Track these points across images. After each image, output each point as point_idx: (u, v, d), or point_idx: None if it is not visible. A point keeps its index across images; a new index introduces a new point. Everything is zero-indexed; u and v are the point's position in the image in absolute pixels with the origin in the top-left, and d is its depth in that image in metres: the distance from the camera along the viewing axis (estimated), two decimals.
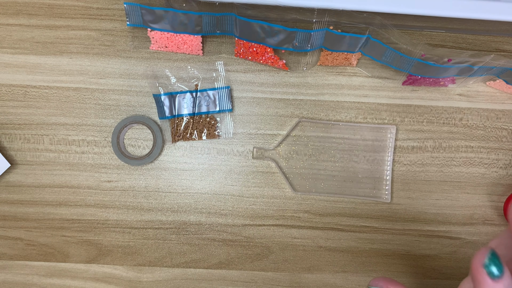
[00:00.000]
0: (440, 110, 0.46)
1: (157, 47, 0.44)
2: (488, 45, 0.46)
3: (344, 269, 0.46)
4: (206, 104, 0.44)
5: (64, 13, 0.44)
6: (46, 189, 0.44)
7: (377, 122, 0.45)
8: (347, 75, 0.45)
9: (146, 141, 0.45)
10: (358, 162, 0.45)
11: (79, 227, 0.45)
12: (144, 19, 0.41)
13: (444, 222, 0.46)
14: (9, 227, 0.45)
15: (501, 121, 0.46)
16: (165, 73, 0.44)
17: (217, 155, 0.45)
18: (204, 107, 0.44)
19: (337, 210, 0.45)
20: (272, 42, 0.41)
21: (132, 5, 0.40)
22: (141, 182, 0.45)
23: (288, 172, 0.45)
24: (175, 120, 0.44)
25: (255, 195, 0.45)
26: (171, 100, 0.43)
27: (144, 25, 0.42)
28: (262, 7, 0.39)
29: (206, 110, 0.44)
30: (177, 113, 0.44)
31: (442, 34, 0.45)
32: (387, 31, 0.39)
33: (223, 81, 0.44)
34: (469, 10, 0.38)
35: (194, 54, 0.44)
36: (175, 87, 0.44)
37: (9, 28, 0.44)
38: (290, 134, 0.45)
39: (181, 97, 0.44)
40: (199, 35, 0.42)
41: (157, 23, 0.41)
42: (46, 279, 0.45)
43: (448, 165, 0.46)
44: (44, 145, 0.44)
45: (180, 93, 0.44)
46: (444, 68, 0.41)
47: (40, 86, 0.44)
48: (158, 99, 0.43)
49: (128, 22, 0.42)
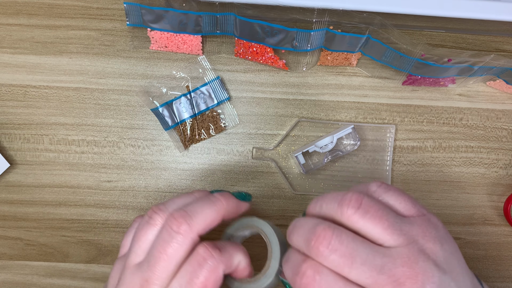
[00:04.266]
0: (440, 110, 0.46)
1: (157, 47, 0.44)
2: (488, 45, 0.46)
3: None
4: (203, 101, 0.44)
5: (64, 13, 0.44)
6: (46, 189, 0.44)
7: (377, 122, 0.45)
8: (347, 75, 0.45)
9: (145, 141, 0.45)
10: (358, 162, 0.45)
11: (79, 227, 0.45)
12: (144, 19, 0.41)
13: (444, 222, 0.46)
14: (9, 227, 0.45)
15: (501, 121, 0.46)
16: (154, 85, 0.44)
17: (216, 155, 0.45)
18: (202, 105, 0.44)
19: None
20: (272, 42, 0.41)
21: (132, 5, 0.40)
22: (141, 182, 0.45)
23: (288, 172, 0.45)
24: (180, 127, 0.44)
25: (255, 195, 0.45)
26: (169, 109, 0.43)
27: (144, 25, 0.42)
28: (262, 7, 0.39)
29: (205, 107, 0.44)
30: (179, 120, 0.44)
31: (442, 34, 0.45)
32: (387, 31, 0.39)
33: (211, 74, 0.44)
34: (469, 10, 0.38)
35: (194, 54, 0.44)
36: (168, 96, 0.44)
37: (9, 28, 0.44)
38: (289, 134, 0.45)
39: (177, 103, 0.44)
40: (199, 35, 0.42)
41: (157, 23, 0.41)
42: (46, 279, 0.45)
43: (448, 165, 0.46)
44: (44, 145, 0.44)
45: (175, 100, 0.44)
46: (444, 68, 0.41)
47: (40, 86, 0.44)
48: (157, 112, 0.43)
49: (128, 22, 0.42)
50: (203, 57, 0.44)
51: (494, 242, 0.46)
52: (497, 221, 0.46)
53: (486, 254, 0.46)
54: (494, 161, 0.46)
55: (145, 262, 0.28)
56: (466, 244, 0.46)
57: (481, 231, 0.46)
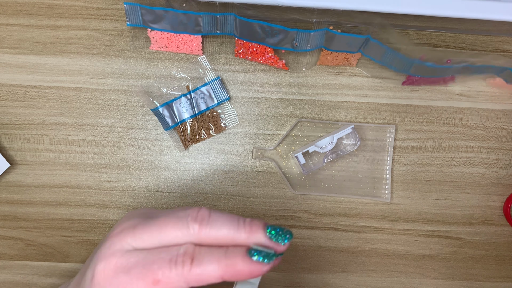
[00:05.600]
0: (440, 110, 0.46)
1: (157, 47, 0.44)
2: (488, 45, 0.46)
3: (344, 269, 0.46)
4: (203, 101, 0.44)
5: (64, 13, 0.44)
6: (46, 189, 0.44)
7: (377, 122, 0.45)
8: (347, 75, 0.45)
9: (146, 141, 0.45)
10: (358, 162, 0.45)
11: (79, 227, 0.45)
12: (144, 19, 0.41)
13: (444, 222, 0.46)
14: (9, 227, 0.45)
15: (501, 121, 0.46)
16: (155, 85, 0.44)
17: (217, 155, 0.45)
18: (202, 105, 0.44)
19: (337, 210, 0.45)
20: (272, 42, 0.41)
21: (132, 5, 0.40)
22: (141, 182, 0.45)
23: (288, 172, 0.45)
24: (180, 127, 0.44)
25: (255, 195, 0.45)
26: (169, 109, 0.43)
27: (144, 25, 0.42)
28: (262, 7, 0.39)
29: (205, 107, 0.44)
30: (180, 120, 0.44)
31: (442, 34, 0.45)
32: (387, 31, 0.39)
33: (211, 74, 0.44)
34: (469, 10, 0.38)
35: (194, 54, 0.44)
36: (169, 96, 0.44)
37: (9, 28, 0.44)
38: (289, 134, 0.45)
39: (178, 103, 0.44)
40: (199, 35, 0.42)
41: (157, 23, 0.41)
42: (46, 279, 0.45)
43: (448, 165, 0.46)
44: (44, 145, 0.44)
45: (175, 100, 0.44)
46: (444, 69, 0.41)
47: (40, 86, 0.44)
48: (158, 112, 0.43)
49: (128, 22, 0.42)
50: (203, 57, 0.44)
51: (494, 242, 0.46)
52: (497, 221, 0.46)
53: (486, 254, 0.46)
54: (494, 161, 0.46)
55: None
56: (466, 244, 0.46)
57: (481, 231, 0.46)
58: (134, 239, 0.26)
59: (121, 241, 0.26)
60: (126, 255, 0.26)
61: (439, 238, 0.46)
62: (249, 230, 0.26)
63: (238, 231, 0.26)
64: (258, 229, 0.26)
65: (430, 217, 0.46)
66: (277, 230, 0.26)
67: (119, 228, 0.27)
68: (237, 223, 0.26)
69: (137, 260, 0.25)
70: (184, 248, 0.25)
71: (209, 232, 0.26)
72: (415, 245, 0.46)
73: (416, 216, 0.46)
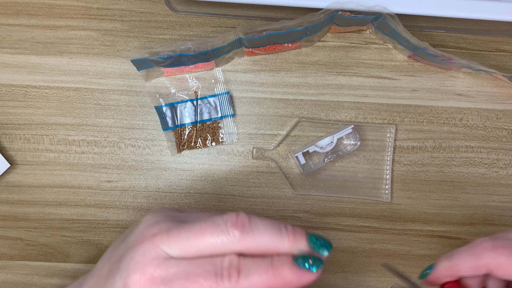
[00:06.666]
0: (440, 110, 0.46)
1: (171, 73, 0.43)
2: (488, 45, 0.46)
3: (344, 269, 0.46)
4: (207, 111, 0.44)
5: (64, 13, 0.44)
6: (46, 189, 0.44)
7: (377, 122, 0.45)
8: (347, 75, 0.45)
9: (146, 141, 0.45)
10: (358, 162, 0.45)
11: (79, 227, 0.45)
12: (153, 64, 0.40)
13: (444, 222, 0.46)
14: (9, 227, 0.45)
15: (501, 121, 0.46)
16: (165, 84, 0.44)
17: (217, 155, 0.45)
18: (206, 114, 0.44)
19: (337, 210, 0.45)
20: (283, 41, 0.41)
21: (139, 60, 0.39)
22: (141, 182, 0.45)
23: (288, 172, 0.45)
24: (178, 130, 0.44)
25: (255, 195, 0.45)
26: (172, 110, 0.43)
27: (155, 66, 0.41)
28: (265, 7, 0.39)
29: (208, 117, 0.44)
30: (180, 123, 0.44)
31: (442, 34, 0.45)
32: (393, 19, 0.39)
33: (222, 87, 0.44)
34: (469, 10, 0.38)
35: (208, 69, 0.44)
36: (175, 97, 0.44)
37: (9, 28, 0.44)
38: (289, 134, 0.45)
39: (182, 106, 0.44)
40: (211, 61, 0.42)
41: (167, 66, 0.41)
42: (46, 279, 0.45)
43: (448, 165, 0.46)
44: (44, 145, 0.44)
45: (181, 103, 0.44)
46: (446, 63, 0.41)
47: (40, 86, 0.44)
48: (160, 111, 0.43)
49: (138, 69, 0.41)
50: (219, 69, 0.44)
51: None
52: (497, 221, 0.46)
53: None
54: (494, 161, 0.46)
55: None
56: (466, 244, 0.46)
57: (481, 231, 0.46)
58: (170, 246, 0.24)
59: (156, 248, 0.24)
60: (164, 265, 0.24)
61: (439, 238, 0.46)
62: (292, 238, 0.25)
63: (281, 239, 0.25)
64: (302, 237, 0.25)
65: (430, 217, 0.46)
66: (319, 239, 0.26)
67: (150, 232, 0.25)
68: (279, 230, 0.25)
69: (177, 272, 0.24)
70: (229, 260, 0.24)
71: (251, 240, 0.24)
72: (415, 245, 0.46)
73: (416, 216, 0.46)
